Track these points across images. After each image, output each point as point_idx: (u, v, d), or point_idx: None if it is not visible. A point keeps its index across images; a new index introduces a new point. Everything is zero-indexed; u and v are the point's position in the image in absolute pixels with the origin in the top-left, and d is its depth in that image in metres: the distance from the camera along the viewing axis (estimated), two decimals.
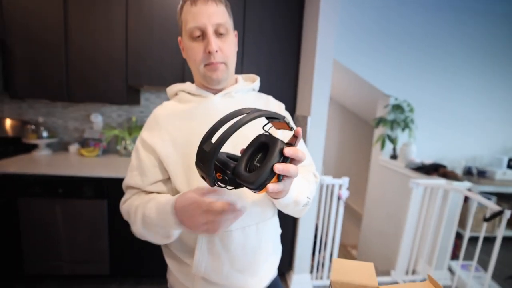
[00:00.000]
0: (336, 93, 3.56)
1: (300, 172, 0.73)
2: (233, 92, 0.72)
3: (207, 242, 0.65)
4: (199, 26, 0.62)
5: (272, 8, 1.91)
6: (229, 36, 0.67)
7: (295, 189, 0.60)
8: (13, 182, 1.63)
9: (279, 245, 0.83)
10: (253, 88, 0.78)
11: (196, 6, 0.62)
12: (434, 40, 2.55)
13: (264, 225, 0.71)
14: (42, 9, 1.75)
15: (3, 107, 2.12)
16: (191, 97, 0.72)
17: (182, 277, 0.70)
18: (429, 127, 2.68)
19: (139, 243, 1.74)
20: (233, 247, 0.66)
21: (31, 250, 1.73)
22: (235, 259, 0.67)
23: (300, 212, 0.69)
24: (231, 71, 0.70)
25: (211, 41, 0.62)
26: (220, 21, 0.63)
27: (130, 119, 2.23)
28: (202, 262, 0.65)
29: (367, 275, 0.60)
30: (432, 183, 1.99)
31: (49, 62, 1.80)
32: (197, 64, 0.66)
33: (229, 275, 0.67)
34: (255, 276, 0.70)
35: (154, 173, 0.67)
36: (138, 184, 0.66)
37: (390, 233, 2.47)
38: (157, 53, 1.85)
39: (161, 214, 0.56)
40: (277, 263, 0.81)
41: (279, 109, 0.79)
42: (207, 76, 0.67)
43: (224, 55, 0.66)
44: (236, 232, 0.66)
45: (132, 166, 0.69)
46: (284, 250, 1.92)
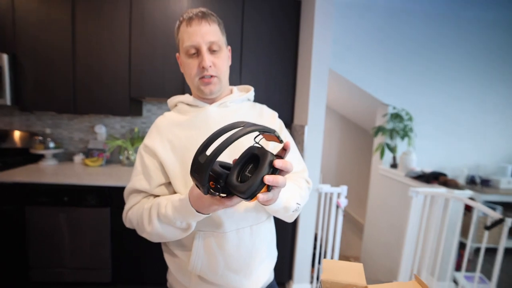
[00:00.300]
0: (335, 103, 3.60)
1: (292, 179, 0.77)
2: (228, 102, 0.77)
3: (203, 242, 0.69)
4: (194, 45, 0.68)
5: (269, 21, 1.99)
6: (222, 52, 0.72)
7: (285, 196, 0.64)
8: (21, 191, 1.70)
9: (274, 249, 0.85)
10: (247, 98, 0.83)
11: (191, 26, 0.68)
12: (432, 47, 2.57)
13: (258, 228, 0.75)
14: (51, 26, 1.86)
15: (13, 120, 2.23)
16: (189, 108, 0.77)
17: (180, 276, 0.74)
18: (429, 136, 2.67)
19: (141, 251, 1.79)
20: (227, 248, 0.69)
21: (37, 257, 1.78)
22: (230, 260, 0.70)
23: (291, 217, 0.73)
24: (224, 83, 0.75)
25: (205, 57, 0.68)
26: (212, 39, 0.69)
27: (133, 130, 2.30)
28: (198, 261, 0.69)
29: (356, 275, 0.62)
30: (432, 192, 1.98)
31: (56, 76, 1.90)
32: (192, 78, 0.72)
33: (224, 275, 0.70)
34: (249, 278, 0.74)
35: (158, 176, 0.71)
36: (145, 188, 0.70)
37: (392, 243, 2.44)
38: (159, 67, 1.94)
39: (180, 208, 0.60)
40: (272, 267, 0.84)
41: (272, 117, 0.83)
42: (200, 89, 0.72)
43: (217, 70, 0.71)
44: (231, 234, 0.70)
45: (137, 171, 0.73)
46: (283, 260, 1.95)
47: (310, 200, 1.92)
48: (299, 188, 0.75)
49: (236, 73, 2.00)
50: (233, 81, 1.98)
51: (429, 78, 2.62)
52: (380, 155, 2.53)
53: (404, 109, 2.52)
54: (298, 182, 0.78)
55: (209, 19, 0.69)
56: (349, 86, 2.61)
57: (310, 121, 1.87)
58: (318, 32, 1.78)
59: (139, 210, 0.68)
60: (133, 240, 1.76)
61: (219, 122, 0.57)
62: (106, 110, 1.97)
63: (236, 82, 2.00)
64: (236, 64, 1.99)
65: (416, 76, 2.60)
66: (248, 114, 0.80)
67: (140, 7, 1.89)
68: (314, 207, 1.94)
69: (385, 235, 2.56)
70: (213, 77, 0.71)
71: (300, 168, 0.82)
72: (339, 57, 2.43)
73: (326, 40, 1.80)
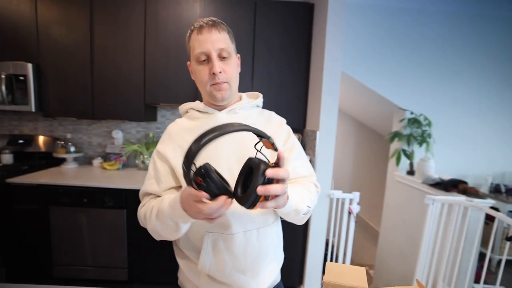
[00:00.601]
0: (350, 107, 3.54)
1: (301, 183, 0.79)
2: (237, 109, 0.79)
3: (212, 243, 0.71)
4: (204, 52, 0.71)
5: (281, 26, 2.00)
6: (231, 59, 0.75)
7: (294, 199, 0.65)
8: (45, 192, 1.80)
9: (281, 252, 0.87)
10: (256, 105, 0.85)
11: (202, 34, 0.71)
12: (452, 49, 2.46)
13: (265, 230, 0.76)
14: (70, 36, 1.97)
15: (37, 125, 2.37)
16: (200, 114, 0.80)
17: (190, 274, 0.77)
18: (449, 142, 2.56)
19: (155, 252, 1.85)
20: (235, 249, 0.72)
21: (59, 255, 1.88)
22: (237, 260, 0.72)
23: (301, 220, 0.75)
24: (234, 89, 0.78)
25: (215, 64, 0.71)
26: (222, 46, 0.71)
27: (148, 135, 2.38)
28: (206, 261, 0.71)
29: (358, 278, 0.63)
30: (450, 200, 1.90)
31: (76, 83, 2.01)
32: (204, 84, 0.75)
33: (232, 275, 0.73)
34: (256, 278, 0.75)
35: (168, 180, 0.74)
36: (155, 190, 0.74)
37: (408, 252, 2.36)
38: (172, 74, 2.00)
39: (172, 206, 0.62)
40: (279, 269, 0.85)
41: (280, 124, 0.84)
42: (212, 95, 0.75)
43: (227, 76, 0.73)
44: (238, 236, 0.72)
45: (149, 175, 0.77)
46: (294, 265, 1.94)
47: (321, 206, 1.91)
48: (309, 191, 0.77)
49: (247, 79, 2.02)
50: (245, 87, 2.01)
51: (449, 81, 2.51)
52: (396, 162, 2.46)
53: (423, 114, 2.44)
54: (307, 186, 0.79)
55: (219, 27, 0.72)
56: (365, 90, 2.56)
57: (322, 126, 1.86)
58: (330, 34, 1.77)
59: (147, 208, 0.72)
60: (148, 241, 1.80)
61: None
62: (122, 115, 2.06)
63: (247, 88, 2.03)
64: (248, 70, 2.02)
65: (435, 80, 2.50)
66: (257, 120, 0.82)
67: (154, 16, 1.96)
68: (325, 213, 1.92)
69: (401, 243, 2.48)
70: (224, 83, 0.73)
71: (308, 173, 0.83)
72: (354, 61, 2.39)
73: (338, 42, 1.78)
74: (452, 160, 2.57)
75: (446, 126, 2.54)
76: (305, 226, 1.95)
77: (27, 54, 1.95)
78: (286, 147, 0.81)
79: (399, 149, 2.46)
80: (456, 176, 2.47)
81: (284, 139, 0.82)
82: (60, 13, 1.94)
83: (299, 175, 0.81)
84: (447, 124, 2.54)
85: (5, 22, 1.93)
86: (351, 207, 1.96)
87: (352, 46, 2.36)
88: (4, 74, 1.88)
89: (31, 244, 1.85)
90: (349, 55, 2.35)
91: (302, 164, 0.82)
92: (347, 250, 1.99)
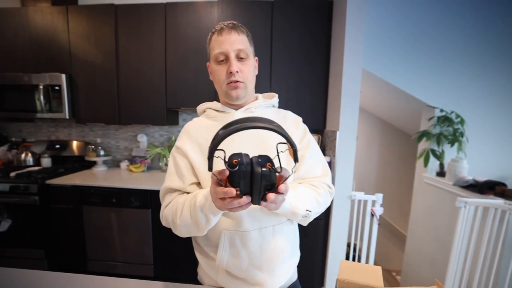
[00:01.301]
0: (374, 107, 3.40)
1: (311, 184, 0.80)
2: (253, 108, 0.82)
3: (229, 240, 0.74)
4: (223, 52, 0.74)
5: (299, 24, 1.98)
6: (249, 61, 0.77)
7: (290, 202, 0.68)
8: (79, 192, 1.95)
9: (297, 250, 0.88)
10: (272, 105, 0.87)
11: (222, 35, 0.74)
12: (485, 40, 2.26)
13: (281, 228, 0.78)
14: (98, 47, 2.10)
15: (71, 131, 2.56)
16: (217, 113, 0.83)
17: (209, 270, 0.80)
18: (484, 140, 2.35)
19: (178, 250, 1.91)
20: (251, 246, 0.74)
21: (93, 251, 2.02)
22: (253, 257, 0.74)
23: (303, 222, 0.77)
24: (249, 90, 0.80)
25: (232, 63, 0.74)
26: (240, 47, 0.74)
27: (170, 138, 2.47)
28: (224, 257, 0.74)
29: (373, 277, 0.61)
30: (485, 203, 1.76)
31: (103, 91, 2.14)
32: (221, 83, 0.78)
33: (248, 271, 0.75)
34: (272, 275, 0.77)
35: (190, 175, 0.77)
36: (179, 186, 0.77)
37: (438, 258, 2.22)
38: (192, 79, 2.06)
39: (206, 197, 0.64)
40: (295, 267, 0.86)
41: (296, 122, 0.85)
42: (228, 93, 0.78)
43: (243, 76, 0.76)
44: (254, 233, 0.74)
45: (170, 171, 0.80)
46: (315, 267, 1.91)
47: (342, 208, 1.86)
48: (316, 194, 0.77)
49: (266, 79, 2.03)
50: (263, 88, 2.02)
51: (483, 74, 2.31)
52: (424, 162, 2.32)
53: (454, 112, 2.27)
54: (316, 187, 0.79)
55: (238, 29, 0.75)
56: (389, 88, 2.44)
57: (342, 126, 1.81)
58: (350, 30, 1.72)
59: (173, 206, 0.74)
60: (171, 239, 1.88)
61: None
62: (146, 120, 2.16)
63: (266, 88, 2.03)
64: (266, 71, 2.02)
65: (467, 74, 2.31)
66: (273, 118, 0.82)
67: (174, 25, 2.03)
68: (346, 215, 1.87)
69: (430, 248, 2.34)
70: (240, 82, 0.76)
71: (321, 173, 0.83)
72: (376, 58, 2.29)
73: (358, 37, 1.73)
74: (488, 160, 2.37)
75: (480, 123, 2.34)
76: (325, 227, 1.91)
77: (61, 65, 2.12)
78: (301, 145, 0.82)
79: (427, 149, 2.32)
80: (493, 178, 2.28)
81: (300, 136, 0.83)
82: (89, 27, 2.08)
83: (312, 175, 0.82)
84: (482, 121, 2.34)
85: (41, 37, 2.11)
86: (373, 209, 1.89)
87: (374, 42, 2.26)
88: (42, 85, 2.06)
89: (68, 240, 2.01)
90: (371, 52, 2.26)
91: (316, 163, 0.83)
92: (369, 253, 1.92)
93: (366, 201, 1.92)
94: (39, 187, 1.92)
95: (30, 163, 2.31)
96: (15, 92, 2.11)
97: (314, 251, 1.92)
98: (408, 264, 2.63)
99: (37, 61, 2.13)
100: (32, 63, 2.13)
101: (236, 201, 0.54)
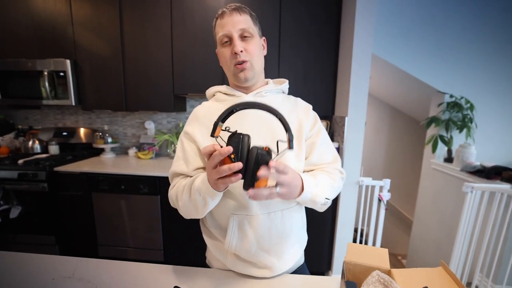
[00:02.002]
0: (383, 93, 3.37)
1: (325, 170, 0.81)
2: (264, 92, 0.81)
3: (237, 223, 0.75)
4: (226, 33, 0.73)
5: (307, 9, 1.94)
6: (254, 39, 0.76)
7: (313, 191, 0.68)
8: (88, 179, 1.95)
9: (304, 234, 0.89)
10: (282, 90, 0.86)
11: (224, 18, 0.74)
12: (494, 25, 2.22)
13: (289, 212, 0.78)
14: (102, 32, 2.06)
15: (78, 118, 2.55)
16: (226, 96, 0.82)
17: (217, 253, 0.81)
18: (492, 126, 2.34)
19: (187, 234, 1.94)
20: (259, 230, 0.74)
21: (103, 236, 2.04)
22: (262, 240, 0.75)
23: (320, 209, 0.77)
24: (257, 70, 0.78)
25: (236, 43, 0.73)
26: (243, 26, 0.73)
27: (178, 125, 2.46)
28: (233, 241, 0.75)
29: (380, 258, 0.62)
30: (491, 188, 1.77)
31: (110, 78, 2.11)
32: (228, 65, 0.77)
33: (257, 254, 0.76)
34: (280, 258, 0.78)
35: (196, 160, 0.77)
36: (184, 171, 0.77)
37: (443, 242, 2.26)
38: (199, 64, 2.03)
39: (203, 181, 0.64)
40: (302, 251, 0.88)
41: (307, 109, 0.85)
42: (236, 75, 0.77)
43: (249, 54, 0.75)
44: (262, 217, 0.75)
45: (178, 156, 0.80)
46: (323, 251, 1.94)
47: (350, 193, 1.87)
48: (333, 180, 0.78)
49: (274, 64, 2.00)
50: (271, 73, 1.99)
51: (492, 59, 2.28)
52: (432, 148, 2.32)
53: (464, 97, 2.25)
54: (332, 174, 0.80)
55: (240, 10, 0.74)
56: (399, 74, 2.41)
57: (351, 111, 1.80)
58: (360, 14, 1.69)
59: (178, 187, 0.75)
60: (180, 225, 1.92)
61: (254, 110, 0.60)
62: (153, 107, 2.14)
63: (274, 74, 2.01)
64: (274, 56, 1.99)
65: (477, 59, 2.27)
66: (283, 104, 0.82)
67: (180, 8, 1.98)
68: (354, 200, 1.89)
69: (435, 233, 2.37)
70: (246, 62, 0.74)
71: (332, 159, 0.84)
72: (386, 42, 2.25)
73: (368, 21, 1.70)
74: (496, 146, 2.36)
75: (489, 109, 2.33)
76: (333, 213, 1.94)
77: (65, 51, 2.08)
78: (312, 132, 0.82)
79: (435, 135, 2.32)
80: (500, 164, 2.28)
81: (311, 124, 0.82)
82: (92, 11, 2.03)
83: (324, 161, 0.82)
84: (491, 107, 2.33)
85: (44, 22, 2.07)
86: (381, 195, 1.91)
87: (385, 28, 2.22)
88: (47, 71, 2.03)
89: (78, 226, 2.03)
90: (381, 37, 2.22)
91: (327, 149, 0.84)
92: (376, 237, 1.95)
93: (373, 187, 1.94)
94: (48, 174, 1.93)
95: (38, 150, 2.32)
96: (20, 78, 2.08)
97: (322, 236, 1.95)
98: (414, 249, 2.67)
99: (41, 47, 2.09)
100: (36, 49, 2.09)
101: (226, 166, 0.53)
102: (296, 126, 0.79)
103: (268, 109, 0.56)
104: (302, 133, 0.79)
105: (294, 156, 0.77)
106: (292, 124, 0.74)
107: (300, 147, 0.78)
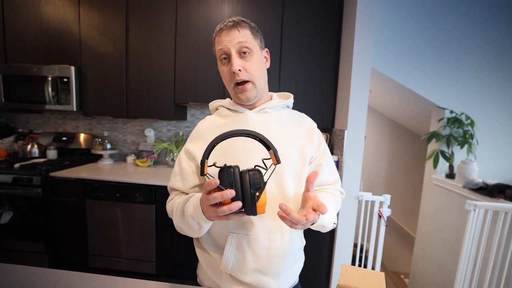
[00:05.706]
0: (384, 107, 3.38)
1: (329, 192, 0.81)
2: (268, 108, 0.78)
3: (236, 243, 0.71)
4: (223, 49, 0.71)
5: (309, 23, 1.97)
6: (253, 55, 0.72)
7: (325, 218, 0.67)
8: (83, 186, 1.93)
9: (302, 254, 0.86)
10: (286, 105, 0.84)
11: (222, 34, 0.71)
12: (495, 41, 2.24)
13: (290, 234, 0.75)
14: (109, 40, 2.09)
15: (79, 123, 2.56)
16: (230, 112, 0.80)
17: (211, 272, 0.77)
18: (494, 143, 2.32)
19: (181, 247, 1.89)
20: (258, 250, 0.71)
21: (95, 245, 1.99)
22: (260, 262, 0.72)
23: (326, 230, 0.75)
24: (260, 88, 0.75)
25: (233, 61, 0.70)
26: (241, 40, 0.70)
27: (178, 134, 2.46)
28: (230, 261, 0.71)
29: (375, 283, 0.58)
30: (495, 206, 1.73)
31: (112, 85, 2.13)
32: (228, 83, 0.75)
33: (253, 276, 0.72)
34: (277, 279, 0.75)
35: (193, 178, 0.76)
36: (180, 187, 0.76)
37: (447, 261, 2.18)
38: (201, 75, 2.05)
39: (195, 207, 0.63)
40: (299, 271, 0.84)
41: (312, 128, 0.83)
42: (237, 95, 0.75)
43: (249, 74, 0.71)
44: (263, 237, 0.71)
45: (175, 172, 0.79)
46: (320, 269, 1.87)
47: (349, 209, 1.83)
48: (336, 202, 0.78)
49: (275, 77, 2.01)
50: (272, 85, 2.00)
51: (493, 76, 2.28)
52: (434, 164, 2.29)
53: (464, 113, 2.25)
54: (336, 196, 0.80)
55: (239, 26, 0.71)
56: (399, 88, 2.42)
57: (351, 124, 1.79)
58: (359, 28, 1.71)
59: (173, 203, 0.74)
60: (174, 237, 1.87)
61: (258, 127, 0.59)
62: (154, 115, 2.14)
63: (275, 86, 2.02)
64: (275, 69, 2.01)
65: (478, 75, 2.29)
66: (287, 120, 0.80)
67: (184, 19, 2.02)
68: (353, 216, 1.84)
69: (439, 251, 2.30)
70: (247, 82, 0.72)
71: (333, 180, 0.84)
72: (386, 57, 2.27)
73: (368, 36, 1.72)
74: (498, 163, 2.33)
75: (491, 125, 2.31)
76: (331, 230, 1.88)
77: (71, 57, 2.12)
78: (318, 153, 0.80)
79: (436, 150, 2.29)
80: (503, 181, 2.25)
81: (317, 145, 0.80)
82: (100, 18, 2.08)
83: (327, 182, 0.82)
84: (492, 123, 2.31)
85: (52, 29, 2.12)
86: (381, 210, 1.86)
87: (385, 42, 2.25)
88: (51, 76, 2.06)
89: (70, 234, 1.99)
90: (381, 52, 2.25)
91: (330, 171, 0.83)
92: (377, 254, 1.88)
93: (373, 202, 1.90)
94: (43, 179, 1.90)
95: (36, 154, 2.31)
96: (24, 83, 2.11)
97: (320, 253, 1.89)
98: (417, 267, 2.59)
99: (47, 53, 2.13)
100: (42, 55, 2.13)
101: (226, 207, 0.53)
102: (299, 146, 0.77)
103: (246, 134, 0.58)
104: (306, 154, 0.76)
105: (295, 177, 0.75)
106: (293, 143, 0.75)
107: (303, 168, 0.76)
